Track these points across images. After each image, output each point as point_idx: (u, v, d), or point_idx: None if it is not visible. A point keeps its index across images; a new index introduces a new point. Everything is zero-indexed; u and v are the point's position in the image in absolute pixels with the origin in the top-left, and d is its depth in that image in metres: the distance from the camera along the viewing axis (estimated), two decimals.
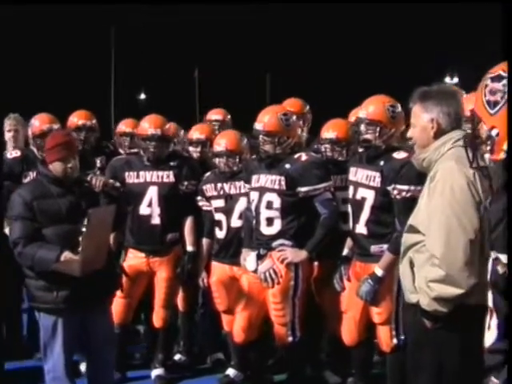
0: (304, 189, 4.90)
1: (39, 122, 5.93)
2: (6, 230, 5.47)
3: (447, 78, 42.64)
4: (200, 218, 5.72)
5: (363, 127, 4.67)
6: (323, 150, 5.40)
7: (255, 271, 5.03)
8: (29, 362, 6.03)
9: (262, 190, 5.03)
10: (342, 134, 5.38)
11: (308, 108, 6.19)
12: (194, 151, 6.09)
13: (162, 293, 5.64)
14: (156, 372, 5.73)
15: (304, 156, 5.00)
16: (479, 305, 3.30)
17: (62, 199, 4.32)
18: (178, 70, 43.35)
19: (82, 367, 5.57)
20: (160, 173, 5.59)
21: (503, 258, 3.13)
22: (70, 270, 4.14)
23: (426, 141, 3.50)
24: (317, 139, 6.33)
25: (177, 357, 6.13)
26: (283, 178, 4.94)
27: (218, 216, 5.52)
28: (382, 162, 4.61)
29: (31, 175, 5.74)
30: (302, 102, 6.26)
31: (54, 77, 37.42)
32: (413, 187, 4.41)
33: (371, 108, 4.69)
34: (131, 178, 5.59)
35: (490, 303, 2.65)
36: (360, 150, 4.78)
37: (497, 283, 2.54)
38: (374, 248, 4.67)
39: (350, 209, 4.84)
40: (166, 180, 5.59)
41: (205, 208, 5.64)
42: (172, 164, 5.62)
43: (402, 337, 4.69)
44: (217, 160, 5.50)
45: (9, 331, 6.17)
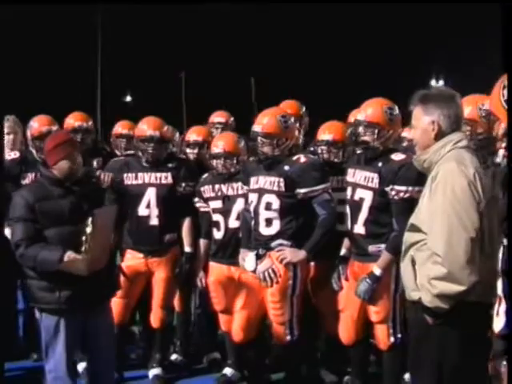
0: (303, 190, 4.96)
1: (38, 124, 5.96)
2: (7, 232, 5.52)
3: (433, 81, 42.90)
4: (197, 219, 5.78)
5: (362, 129, 4.74)
6: (319, 151, 5.47)
7: (254, 271, 5.08)
8: (25, 363, 6.05)
9: (261, 192, 5.08)
10: (338, 135, 5.47)
11: (304, 110, 6.23)
12: (191, 153, 6.16)
13: (160, 293, 5.68)
14: (154, 372, 5.76)
15: (303, 158, 5.06)
16: (480, 302, 3.39)
17: (63, 200, 4.34)
18: (164, 72, 43.30)
19: (80, 367, 5.62)
20: (158, 174, 5.64)
21: None
22: (75, 269, 4.18)
23: (427, 142, 3.59)
24: (313, 141, 6.43)
25: (173, 357, 6.18)
26: (282, 179, 4.99)
27: (216, 217, 5.57)
28: (380, 164, 4.69)
29: (30, 177, 5.78)
30: (298, 104, 6.30)
31: (40, 79, 37.26)
32: (410, 188, 4.50)
33: (370, 110, 4.77)
34: (130, 179, 5.63)
35: (499, 291, 2.74)
36: (358, 151, 4.86)
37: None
38: (371, 248, 4.74)
39: (348, 209, 4.90)
40: (164, 181, 5.64)
41: (202, 209, 5.69)
42: (170, 166, 5.68)
43: (399, 335, 4.77)
44: (214, 161, 5.54)
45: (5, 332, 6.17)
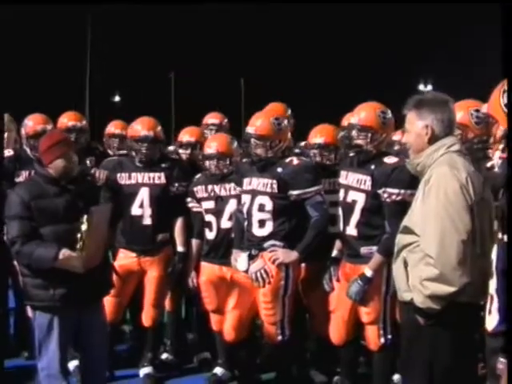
0: (296, 192, 5.00)
1: (33, 123, 5.98)
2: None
3: (421, 86, 43.12)
4: (190, 219, 5.82)
5: (355, 132, 4.79)
6: (312, 155, 5.52)
7: (246, 271, 5.12)
8: (16, 361, 6.06)
9: (254, 193, 5.12)
10: (329, 138, 5.53)
11: (290, 112, 6.27)
12: (184, 153, 6.20)
13: (152, 292, 5.71)
14: (145, 370, 5.78)
15: (295, 160, 5.11)
16: (471, 303, 3.46)
17: (58, 199, 4.35)
18: (153, 72, 43.29)
19: (71, 365, 5.63)
20: (151, 174, 5.68)
21: None
22: (71, 266, 4.20)
23: (421, 146, 3.66)
24: (299, 144, 6.46)
25: (164, 356, 6.21)
26: (275, 181, 5.03)
27: (208, 217, 5.60)
28: (372, 166, 4.74)
29: (24, 174, 5.79)
30: (284, 106, 6.35)
31: (29, 78, 37.18)
32: (403, 191, 4.56)
33: (363, 114, 4.82)
34: (123, 179, 5.65)
35: (492, 290, 2.81)
36: (351, 154, 4.91)
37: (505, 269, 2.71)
38: (363, 249, 4.79)
39: (340, 211, 4.95)
40: (157, 181, 5.68)
41: (195, 209, 5.73)
42: (163, 166, 5.72)
43: (390, 336, 4.83)
44: (207, 162, 5.58)
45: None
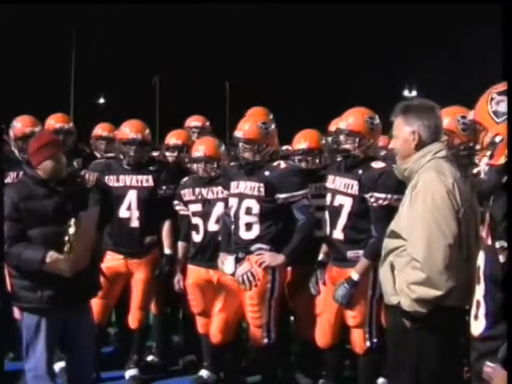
0: (283, 195, 5.04)
1: (21, 125, 5.98)
2: None
3: (406, 91, 43.29)
4: (176, 222, 5.84)
5: (343, 137, 4.83)
6: (296, 161, 5.56)
7: (233, 274, 5.14)
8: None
9: (242, 196, 5.15)
10: (313, 143, 5.57)
11: (272, 117, 6.28)
12: (170, 156, 6.22)
13: (138, 294, 5.73)
14: (130, 372, 5.80)
15: (283, 164, 5.14)
16: (456, 307, 3.51)
17: (47, 200, 4.35)
18: (138, 74, 43.20)
19: (56, 367, 5.63)
20: (139, 177, 5.70)
21: None
22: (59, 270, 4.21)
23: (408, 152, 3.70)
24: (286, 149, 6.49)
25: (149, 358, 6.22)
26: (262, 184, 5.06)
27: (195, 220, 5.63)
28: (360, 171, 4.78)
29: (11, 176, 5.78)
30: (265, 110, 6.40)
31: (13, 80, 36.97)
32: (389, 195, 4.61)
33: (351, 119, 4.86)
34: (111, 181, 5.65)
35: (479, 295, 2.86)
36: (339, 158, 4.95)
37: (494, 275, 2.75)
38: (350, 253, 4.83)
39: (327, 215, 4.98)
40: (145, 184, 5.70)
41: (181, 212, 5.75)
42: (151, 168, 5.75)
43: (375, 340, 4.86)
44: (195, 166, 5.61)
45: None
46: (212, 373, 5.74)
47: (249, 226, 5.12)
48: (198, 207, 5.62)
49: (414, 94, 41.68)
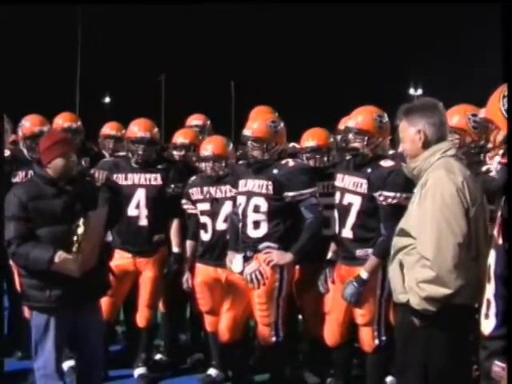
0: (291, 194, 5.03)
1: (30, 124, 5.98)
2: None
3: (411, 90, 43.26)
4: (184, 221, 5.84)
5: (352, 136, 4.83)
6: (304, 159, 5.56)
7: (241, 273, 5.14)
8: (10, 361, 6.05)
9: (250, 194, 5.15)
10: (321, 141, 5.58)
11: (276, 115, 6.30)
12: (178, 155, 6.23)
13: (147, 292, 5.74)
14: (139, 371, 5.81)
15: (291, 162, 5.14)
16: (465, 305, 3.51)
17: (56, 200, 4.35)
18: (143, 74, 43.28)
19: (65, 366, 5.64)
20: (148, 175, 5.71)
21: None
22: (67, 270, 4.21)
23: (416, 151, 3.71)
24: (293, 146, 6.51)
25: (157, 356, 6.23)
26: (271, 182, 5.06)
27: (204, 219, 5.63)
28: (369, 170, 4.77)
29: (20, 175, 5.81)
30: (269, 109, 6.40)
31: (20, 79, 37.07)
32: (399, 194, 4.60)
33: (360, 118, 4.86)
34: (119, 180, 5.65)
35: (489, 294, 2.85)
36: (348, 157, 4.95)
37: (504, 274, 2.75)
38: (359, 252, 4.83)
39: (336, 213, 4.98)
40: (153, 182, 5.71)
41: (190, 211, 5.76)
42: (159, 167, 5.75)
43: (384, 338, 4.86)
44: (203, 164, 5.61)
45: None
46: (220, 371, 5.75)
47: (257, 224, 5.13)
48: (206, 206, 5.62)
49: (420, 92, 41.69)
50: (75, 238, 4.25)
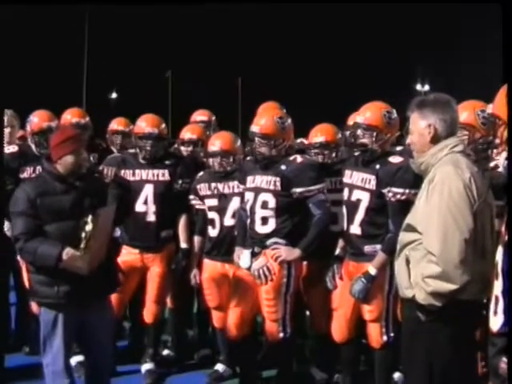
0: (299, 190, 5.03)
1: (38, 119, 5.98)
2: (5, 225, 5.55)
3: (418, 85, 43.17)
4: (192, 217, 5.84)
5: (360, 132, 4.81)
6: (312, 154, 5.55)
7: (249, 268, 5.13)
8: (17, 356, 6.07)
9: (258, 191, 5.14)
10: (330, 137, 5.58)
11: (284, 111, 6.29)
12: (185, 150, 6.23)
13: (154, 288, 5.74)
14: (146, 366, 5.81)
15: (299, 158, 5.13)
16: (471, 300, 3.50)
17: (65, 196, 4.32)
18: (150, 70, 43.29)
19: (73, 361, 5.65)
20: (156, 171, 5.70)
21: None
22: (75, 267, 4.20)
23: (424, 146, 3.70)
24: (301, 142, 6.49)
25: (165, 352, 6.24)
26: (279, 178, 5.05)
27: (211, 215, 5.63)
28: (377, 166, 4.76)
29: (28, 171, 5.81)
30: (277, 105, 6.39)
31: (26, 75, 37.13)
32: (407, 190, 4.58)
33: (368, 114, 4.84)
34: (127, 175, 5.65)
35: (497, 291, 2.84)
36: (356, 153, 4.94)
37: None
38: (367, 248, 4.81)
39: (344, 210, 4.97)
40: (161, 178, 5.70)
41: (197, 207, 5.76)
42: (167, 163, 5.74)
43: (392, 334, 4.85)
44: (211, 160, 5.61)
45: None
46: (228, 367, 5.77)
47: (265, 220, 5.12)
48: (213, 202, 5.62)
49: (427, 87, 41.59)
50: (83, 234, 4.24)
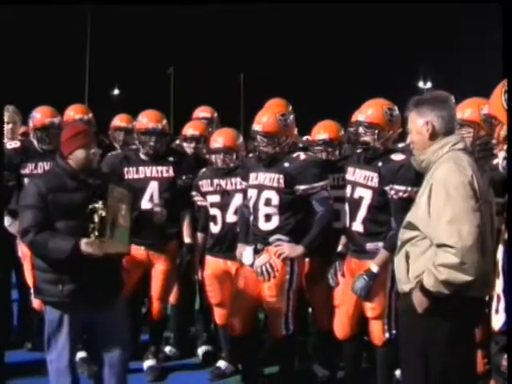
0: (302, 187, 5.02)
1: (41, 115, 5.95)
2: (5, 221, 5.55)
3: (420, 83, 43.14)
4: (194, 213, 5.83)
5: (362, 129, 4.80)
6: (316, 151, 5.54)
7: (252, 265, 5.13)
8: (19, 352, 6.08)
9: (261, 188, 5.13)
10: (333, 134, 5.56)
11: (291, 108, 6.28)
12: (188, 147, 6.21)
13: (158, 285, 5.72)
14: (148, 363, 5.81)
15: (302, 155, 5.12)
16: (472, 297, 3.51)
17: (76, 193, 4.26)
18: (152, 66, 43.27)
19: (76, 357, 5.65)
20: (159, 168, 5.67)
21: None
22: (91, 251, 4.14)
23: (423, 144, 3.71)
24: (306, 139, 6.48)
25: (167, 349, 6.24)
26: (282, 176, 5.04)
27: (214, 211, 5.63)
28: (380, 163, 4.75)
29: (30, 167, 5.80)
30: (284, 101, 6.37)
31: (29, 72, 37.12)
32: (409, 188, 4.57)
33: (370, 111, 4.83)
34: (131, 173, 5.63)
35: (499, 289, 2.84)
36: (358, 150, 4.93)
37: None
38: (369, 245, 4.82)
39: (346, 207, 4.97)
40: (165, 175, 5.67)
41: (199, 203, 5.76)
42: (170, 159, 5.71)
43: (394, 331, 4.85)
44: (214, 156, 5.60)
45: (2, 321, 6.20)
46: (230, 364, 5.77)
47: (268, 217, 5.11)
48: (216, 198, 5.61)
49: (429, 85, 41.56)
50: (96, 219, 4.17)
